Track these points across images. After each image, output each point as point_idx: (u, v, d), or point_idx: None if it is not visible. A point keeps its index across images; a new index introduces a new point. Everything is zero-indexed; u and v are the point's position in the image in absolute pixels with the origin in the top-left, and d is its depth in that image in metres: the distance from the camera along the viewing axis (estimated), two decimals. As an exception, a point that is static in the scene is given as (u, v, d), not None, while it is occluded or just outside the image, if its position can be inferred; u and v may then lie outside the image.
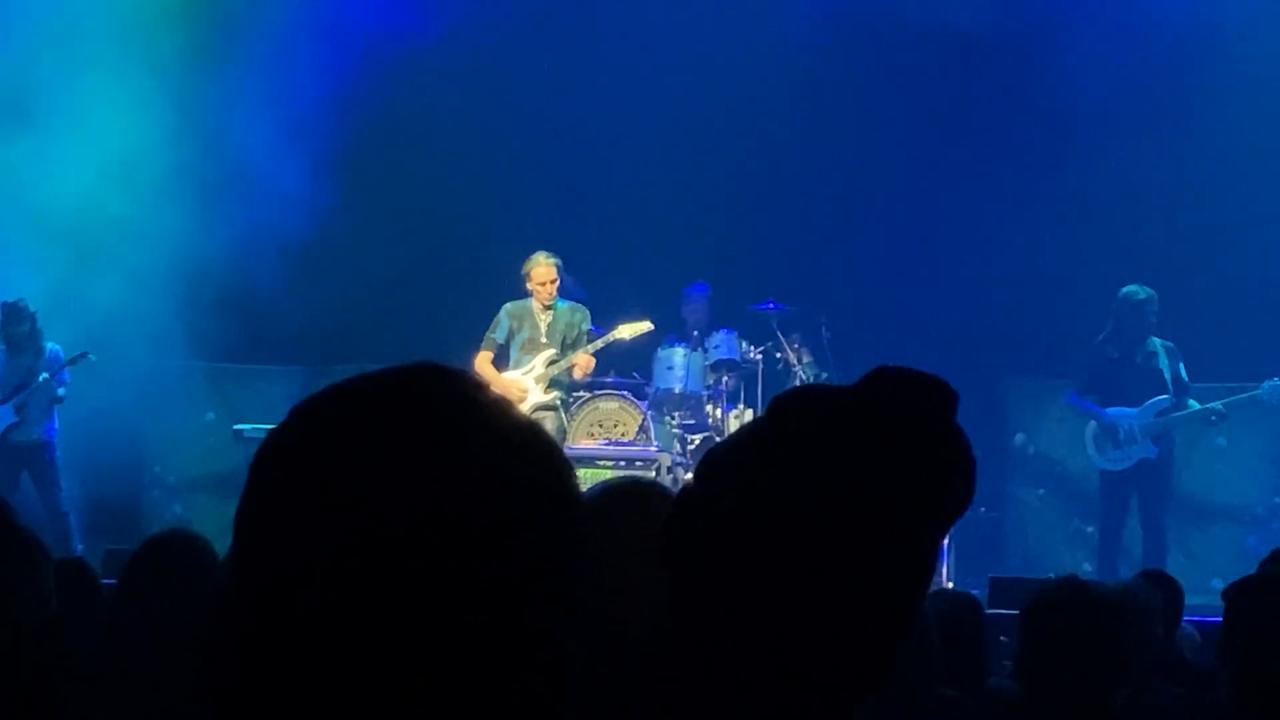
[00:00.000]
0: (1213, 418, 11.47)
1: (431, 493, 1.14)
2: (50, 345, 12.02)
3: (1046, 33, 13.26)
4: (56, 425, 12.03)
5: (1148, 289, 11.49)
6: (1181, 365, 11.52)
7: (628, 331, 11.88)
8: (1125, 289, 11.52)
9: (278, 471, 1.18)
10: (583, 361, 11.61)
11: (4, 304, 11.91)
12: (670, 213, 13.46)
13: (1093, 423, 11.63)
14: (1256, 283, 12.68)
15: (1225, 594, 3.82)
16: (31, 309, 11.88)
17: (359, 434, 1.16)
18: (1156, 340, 11.55)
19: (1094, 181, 13.28)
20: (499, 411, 1.22)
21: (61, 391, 11.97)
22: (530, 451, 1.21)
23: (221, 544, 3.95)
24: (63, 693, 2.55)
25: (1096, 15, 13.13)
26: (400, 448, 1.15)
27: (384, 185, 13.32)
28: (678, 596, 1.40)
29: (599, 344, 11.79)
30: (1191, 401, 11.46)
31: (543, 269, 11.55)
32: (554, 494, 1.20)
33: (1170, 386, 11.43)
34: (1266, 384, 11.36)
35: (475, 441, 1.18)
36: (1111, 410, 11.49)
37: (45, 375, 11.86)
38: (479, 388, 1.23)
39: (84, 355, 12.04)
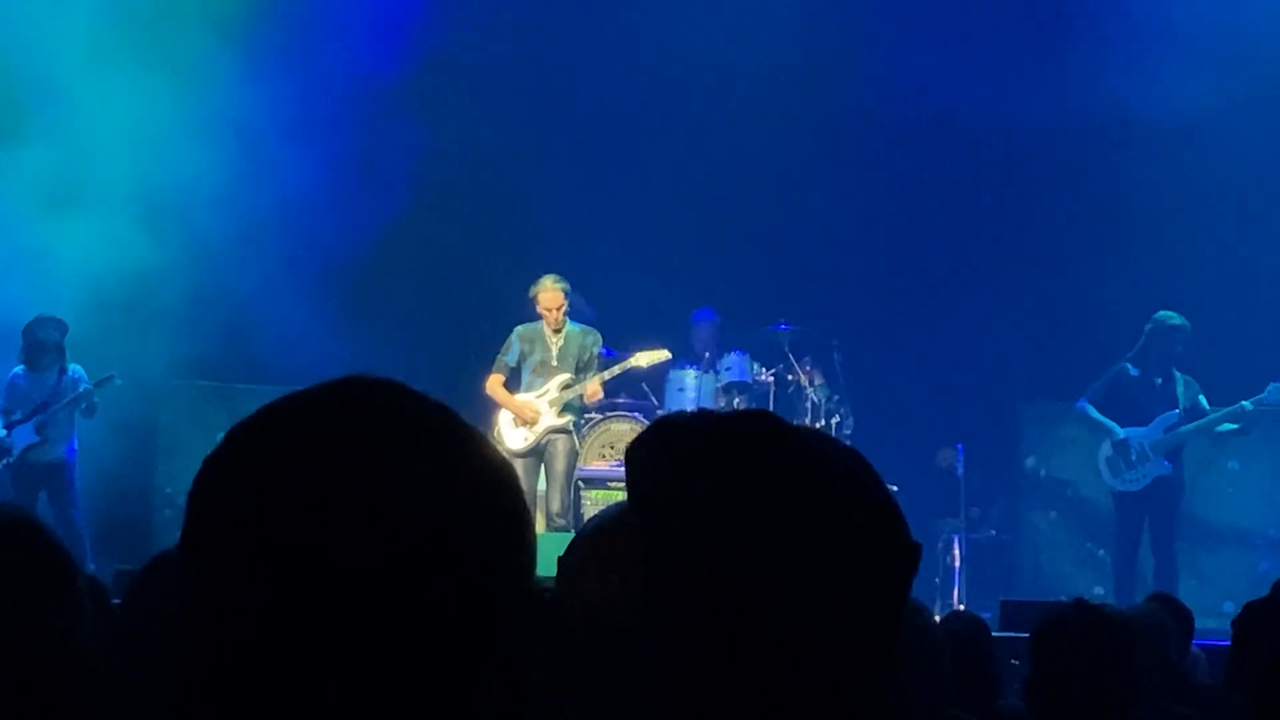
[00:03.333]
0: (1245, 406, 11.28)
1: (373, 506, 1.13)
2: (73, 366, 11.99)
3: (1055, 63, 13.29)
4: (76, 445, 12.02)
5: (1181, 317, 11.44)
6: (1201, 396, 11.48)
7: (645, 359, 11.87)
8: (1161, 312, 11.50)
9: (218, 492, 1.17)
10: (590, 391, 11.60)
11: (35, 321, 11.86)
12: (683, 233, 13.47)
13: (1106, 446, 11.60)
14: (1273, 311, 12.67)
15: (1235, 624, 3.81)
16: (61, 331, 11.85)
17: (296, 451, 1.16)
18: (1179, 374, 11.51)
19: (1108, 205, 13.28)
20: (440, 420, 1.21)
21: (84, 406, 11.95)
22: (473, 460, 1.20)
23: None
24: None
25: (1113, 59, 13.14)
26: (337, 462, 1.15)
27: (394, 209, 13.33)
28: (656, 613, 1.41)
29: (615, 370, 11.79)
30: (1208, 408, 11.40)
31: (548, 293, 11.54)
32: (498, 502, 1.19)
33: (1182, 412, 11.40)
34: (1273, 385, 11.29)
35: (416, 451, 1.17)
36: (1123, 429, 11.49)
37: (69, 398, 11.84)
38: (415, 397, 1.22)
39: (110, 379, 12.03)
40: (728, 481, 1.41)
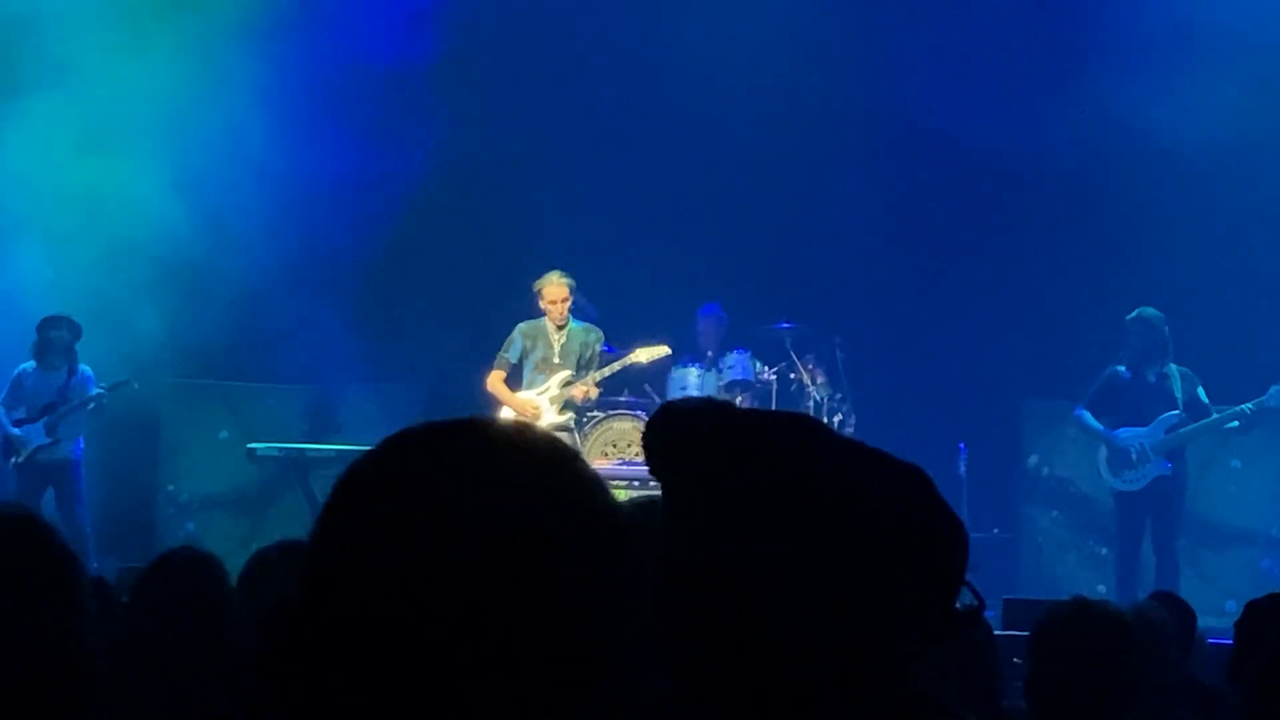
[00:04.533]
0: (1245, 409, 11.28)
1: (506, 524, 1.18)
2: (83, 367, 12.00)
3: (1057, 71, 13.29)
4: (82, 444, 12.04)
5: (1155, 310, 11.51)
6: (1200, 389, 11.47)
7: (645, 355, 11.89)
8: (1135, 310, 11.56)
9: (364, 494, 1.22)
10: (579, 393, 11.61)
11: (48, 319, 11.86)
12: (685, 232, 13.47)
13: (1104, 448, 11.62)
14: (1272, 306, 12.66)
15: (1238, 624, 3.82)
16: (73, 332, 11.85)
17: (446, 469, 1.21)
18: (1173, 365, 11.52)
19: (1109, 206, 13.27)
20: (560, 456, 1.26)
21: (93, 406, 11.99)
22: (590, 494, 1.25)
23: (233, 561, 3.97)
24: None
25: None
26: (486, 485, 1.20)
27: (398, 208, 13.33)
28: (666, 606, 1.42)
29: (615, 367, 11.80)
30: (1207, 401, 11.41)
31: (553, 288, 11.56)
32: (614, 529, 1.24)
33: (1182, 408, 11.40)
34: (1274, 388, 11.29)
35: (543, 484, 1.22)
36: (1121, 432, 11.48)
37: (79, 401, 11.86)
38: (541, 437, 1.28)
39: (126, 383, 12.07)
40: (741, 478, 1.41)
